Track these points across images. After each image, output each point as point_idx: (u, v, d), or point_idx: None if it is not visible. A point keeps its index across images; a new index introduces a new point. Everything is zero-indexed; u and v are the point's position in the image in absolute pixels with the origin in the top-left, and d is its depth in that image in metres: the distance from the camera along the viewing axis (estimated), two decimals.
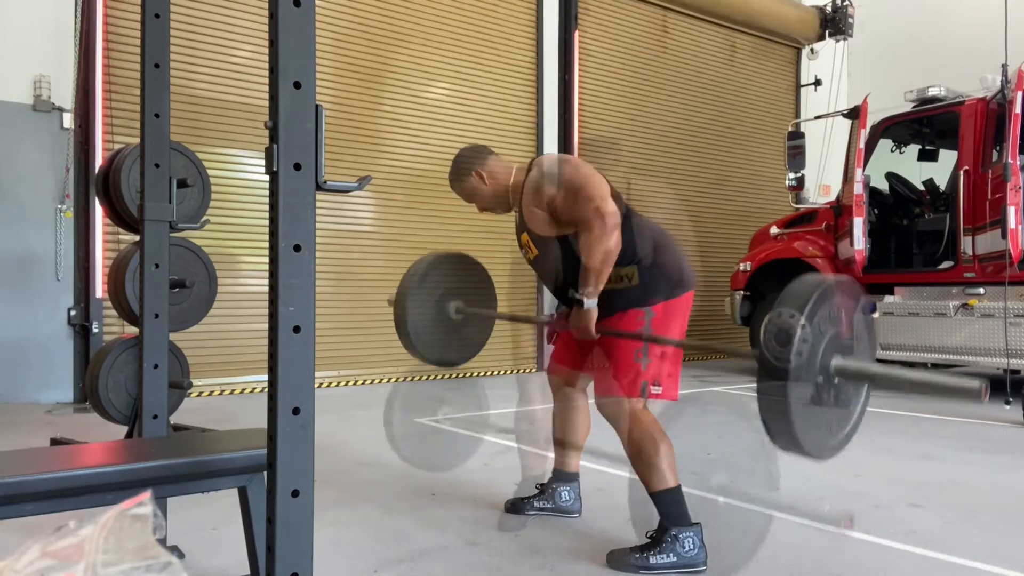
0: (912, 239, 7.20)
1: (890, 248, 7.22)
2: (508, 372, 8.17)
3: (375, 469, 3.88)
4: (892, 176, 7.28)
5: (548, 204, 2.62)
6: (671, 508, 2.50)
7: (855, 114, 7.03)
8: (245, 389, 6.62)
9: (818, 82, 10.52)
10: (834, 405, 1.85)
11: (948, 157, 7.24)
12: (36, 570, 0.71)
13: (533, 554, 2.63)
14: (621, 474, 2.88)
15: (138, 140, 2.62)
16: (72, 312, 6.09)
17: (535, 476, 3.19)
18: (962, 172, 6.45)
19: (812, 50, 10.88)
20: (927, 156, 7.61)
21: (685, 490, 2.54)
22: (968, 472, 3.93)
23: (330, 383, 7.12)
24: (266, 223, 1.42)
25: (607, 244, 2.47)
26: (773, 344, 1.74)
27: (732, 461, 4.02)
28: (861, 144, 6.83)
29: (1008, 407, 5.40)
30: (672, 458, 2.51)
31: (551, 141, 8.65)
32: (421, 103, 7.85)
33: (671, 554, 2.45)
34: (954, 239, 6.50)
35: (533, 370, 8.44)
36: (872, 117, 6.97)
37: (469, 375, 7.77)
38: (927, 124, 7.24)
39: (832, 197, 7.80)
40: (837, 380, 1.82)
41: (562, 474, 3.05)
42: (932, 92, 6.81)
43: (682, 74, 10.02)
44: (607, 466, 3.53)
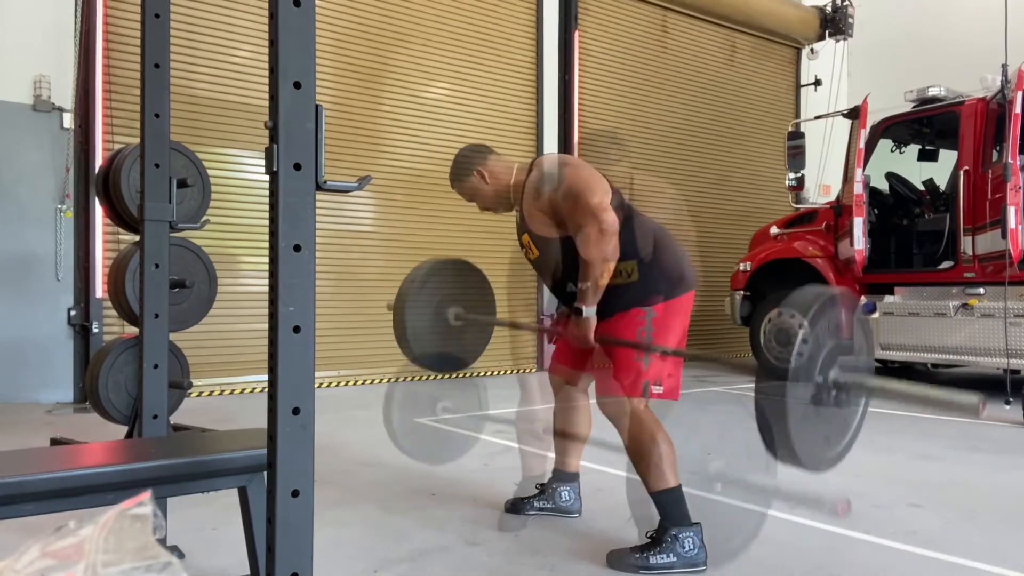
0: (912, 239, 7.20)
1: (890, 248, 7.21)
2: (508, 372, 8.17)
3: (375, 469, 3.88)
4: (892, 176, 7.28)
5: (548, 207, 2.62)
6: (671, 508, 2.50)
7: (855, 114, 7.03)
8: (245, 389, 6.63)
9: (818, 82, 10.52)
10: (834, 405, 1.86)
11: (948, 157, 7.24)
12: (36, 570, 0.71)
13: (533, 554, 2.63)
14: (621, 474, 2.88)
15: (138, 140, 2.63)
16: (72, 312, 6.09)
17: (535, 476, 3.18)
18: (962, 172, 6.44)
19: (812, 50, 10.88)
20: (927, 156, 7.61)
21: (685, 490, 2.54)
22: (968, 472, 3.93)
23: (330, 383, 7.12)
24: (266, 223, 1.42)
25: (604, 253, 2.47)
26: (774, 344, 1.75)
27: (732, 461, 4.02)
28: (861, 144, 6.83)
29: (1008, 407, 5.40)
30: (673, 458, 2.51)
31: (551, 141, 8.65)
32: (421, 103, 7.85)
33: (671, 554, 2.45)
34: (954, 239, 6.50)
35: (533, 370, 8.44)
36: (872, 117, 6.97)
37: (469, 375, 7.76)
38: (927, 124, 7.24)
39: (832, 197, 7.80)
40: (835, 392, 1.82)
41: (562, 474, 3.05)
42: (932, 92, 6.81)
43: (682, 74, 10.02)
44: (607, 466, 3.53)
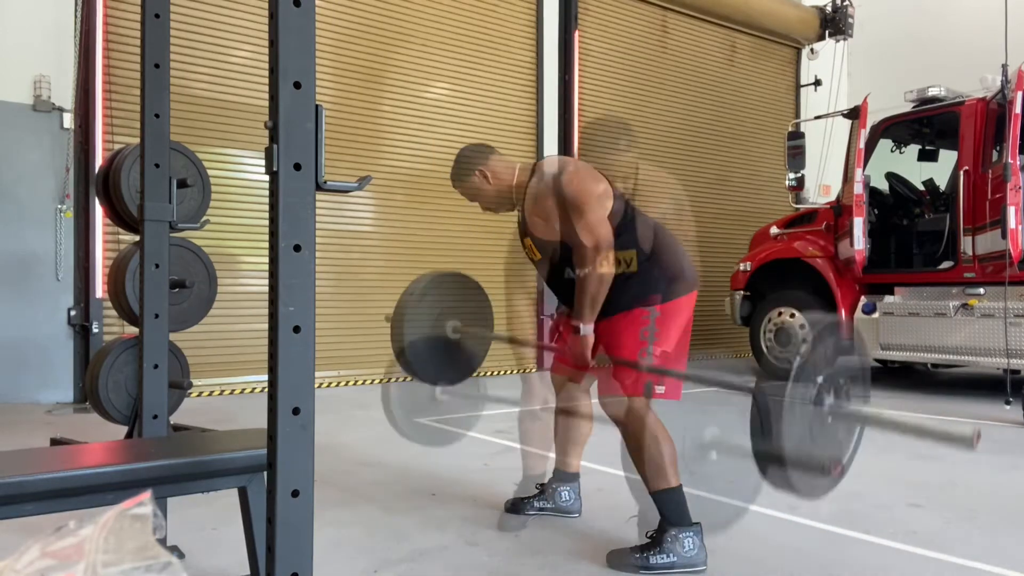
0: (912, 239, 7.19)
1: (890, 248, 7.21)
2: (509, 372, 8.17)
3: (375, 469, 3.88)
4: (892, 176, 7.27)
5: (548, 213, 2.62)
6: (672, 508, 2.50)
7: (855, 114, 7.03)
8: (245, 389, 6.62)
9: (818, 82, 10.52)
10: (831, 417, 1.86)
11: (948, 157, 7.24)
12: (36, 570, 0.71)
13: (533, 554, 2.63)
14: (621, 474, 2.88)
15: (138, 140, 2.62)
16: (72, 312, 6.09)
17: (535, 476, 3.18)
18: (962, 172, 6.44)
19: (812, 50, 10.88)
20: (927, 156, 7.60)
21: (685, 490, 2.54)
22: (968, 472, 3.93)
23: (330, 383, 7.12)
24: (266, 223, 1.42)
25: (600, 270, 2.47)
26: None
27: (732, 460, 4.01)
28: (861, 144, 6.82)
29: (1008, 407, 5.39)
30: (674, 458, 2.51)
31: (551, 141, 8.65)
32: (421, 103, 7.85)
33: (671, 554, 2.45)
34: (954, 239, 6.50)
35: (534, 369, 8.44)
36: (872, 117, 6.97)
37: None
38: (927, 124, 7.23)
39: (832, 197, 7.79)
40: (831, 419, 1.83)
41: (563, 474, 3.05)
42: (932, 92, 6.81)
43: (682, 74, 10.01)
44: (607, 466, 3.53)
